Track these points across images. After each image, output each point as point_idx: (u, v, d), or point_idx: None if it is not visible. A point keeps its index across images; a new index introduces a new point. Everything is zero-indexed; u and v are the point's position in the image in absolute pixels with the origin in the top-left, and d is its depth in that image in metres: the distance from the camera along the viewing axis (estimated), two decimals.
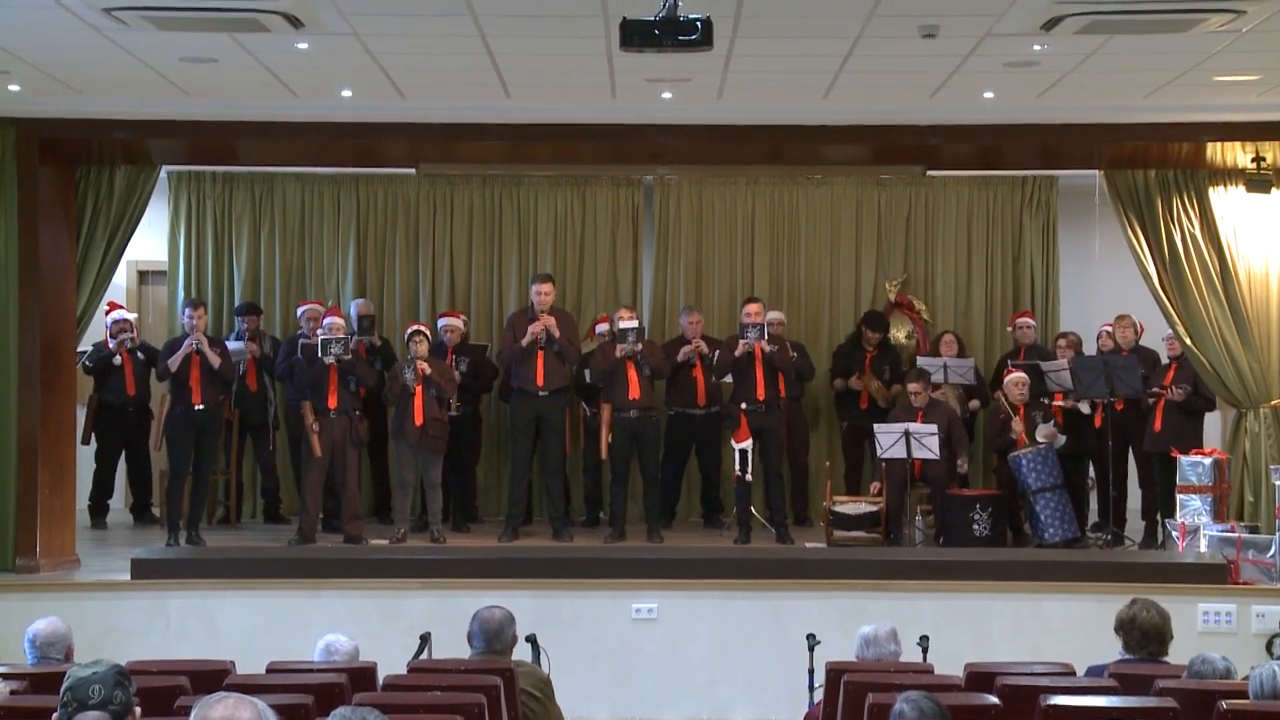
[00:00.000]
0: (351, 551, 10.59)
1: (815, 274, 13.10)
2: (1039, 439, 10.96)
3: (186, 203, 12.99)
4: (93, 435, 12.16)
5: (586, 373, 11.56)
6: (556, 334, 11.16)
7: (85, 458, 11.67)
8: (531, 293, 11.41)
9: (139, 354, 12.08)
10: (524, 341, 11.16)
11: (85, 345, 11.69)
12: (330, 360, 10.88)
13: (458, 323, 12.06)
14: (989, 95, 9.67)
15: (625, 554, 10.39)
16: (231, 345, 11.97)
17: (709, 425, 12.00)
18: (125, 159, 10.69)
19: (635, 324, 11.15)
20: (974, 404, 12.14)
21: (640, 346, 11.13)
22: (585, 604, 9.59)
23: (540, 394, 11.23)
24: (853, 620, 7.98)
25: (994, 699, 5.45)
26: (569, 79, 9.34)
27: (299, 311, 12.16)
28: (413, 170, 12.32)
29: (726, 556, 10.34)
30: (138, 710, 4.08)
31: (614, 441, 11.13)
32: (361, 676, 5.99)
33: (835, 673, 6.04)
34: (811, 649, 7.55)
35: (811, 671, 7.49)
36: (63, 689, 4.05)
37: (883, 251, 13.12)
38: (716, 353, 11.68)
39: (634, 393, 11.12)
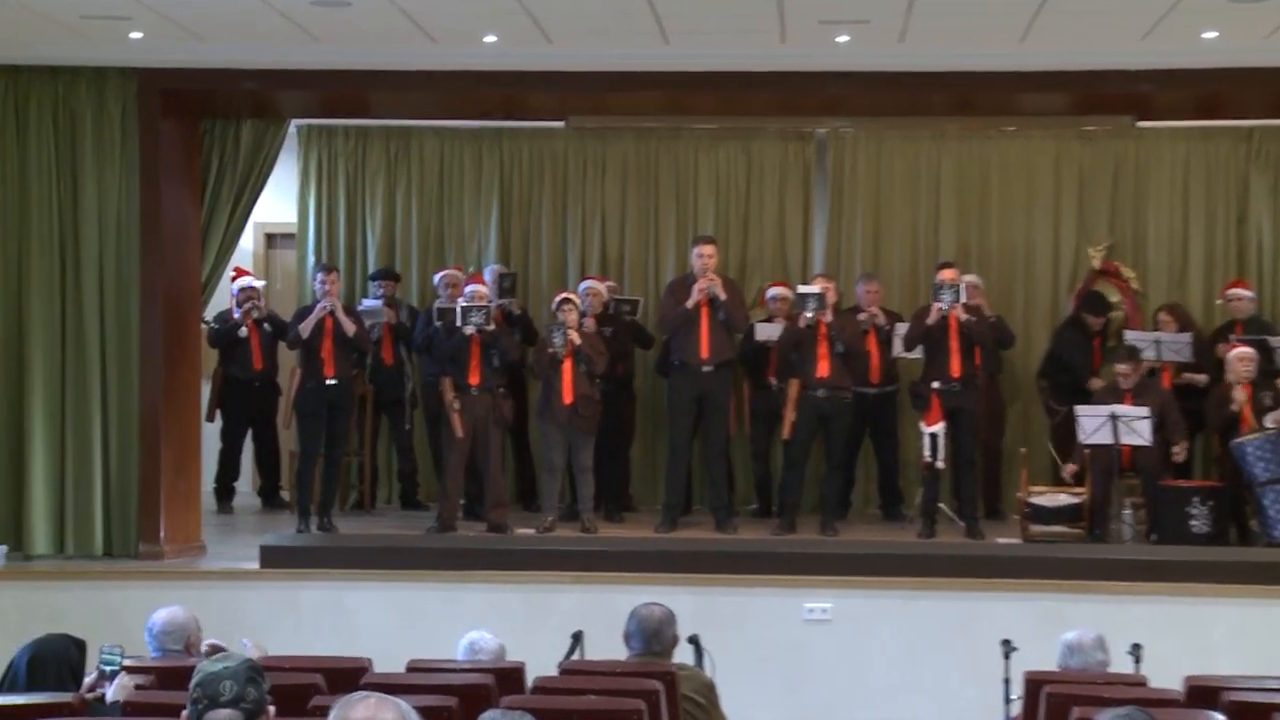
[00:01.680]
0: (495, 541, 10.66)
1: (1008, 238, 12.87)
2: (1267, 424, 10.62)
3: (317, 160, 13.16)
4: (218, 412, 12.39)
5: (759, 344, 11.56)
6: (723, 295, 11.09)
7: (210, 437, 11.89)
8: (692, 256, 11.37)
9: (266, 325, 12.29)
10: (689, 302, 11.06)
11: (209, 315, 11.86)
12: (471, 331, 10.92)
13: (600, 287, 12.04)
14: (1210, 35, 9.41)
15: (796, 548, 10.33)
16: (367, 304, 12.15)
17: (884, 405, 11.92)
18: (252, 112, 10.85)
19: (818, 290, 11.02)
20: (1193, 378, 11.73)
21: (828, 315, 10.98)
22: (752, 602, 9.55)
23: (704, 369, 11.18)
24: (1053, 625, 7.83)
25: (1220, 716, 5.31)
26: (733, 22, 9.27)
27: (436, 278, 12.27)
28: (561, 123, 12.33)
29: (909, 552, 10.23)
30: (271, 710, 4.08)
31: (798, 422, 11.00)
32: (508, 677, 6.02)
33: (1035, 683, 5.96)
34: (1007, 656, 7.44)
35: (1007, 682, 7.38)
36: (192, 684, 4.07)
37: (1085, 213, 12.84)
38: (894, 325, 11.58)
39: (824, 369, 10.97)
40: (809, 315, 10.92)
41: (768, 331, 11.68)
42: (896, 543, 10.75)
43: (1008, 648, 7.48)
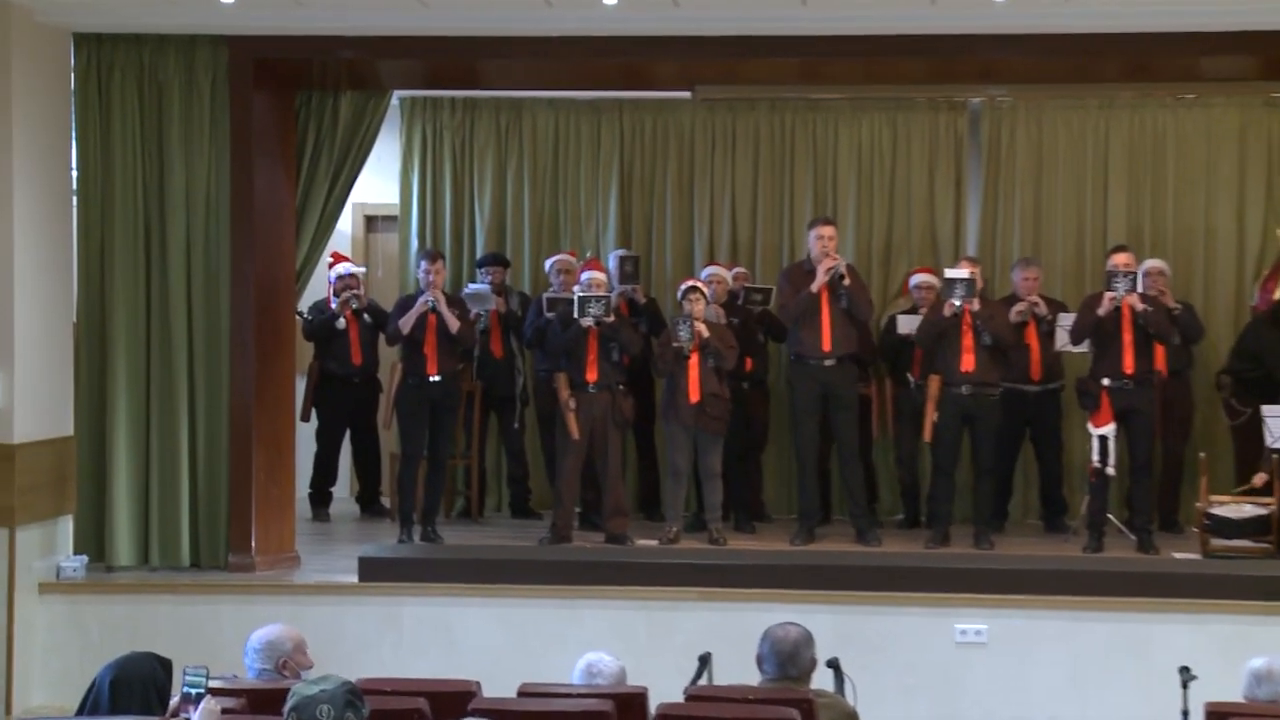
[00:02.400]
0: (615, 554, 10.68)
1: (1186, 219, 12.68)
2: None
3: (421, 135, 13.26)
4: (313, 411, 12.54)
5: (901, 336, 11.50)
6: (847, 279, 11.04)
7: (304, 438, 11.99)
8: (810, 239, 11.31)
9: (366, 316, 12.42)
10: (814, 285, 11.02)
11: (304, 304, 12.01)
12: (589, 323, 10.94)
13: (725, 274, 12.02)
14: None
15: (948, 563, 10.26)
16: (473, 288, 12.19)
17: (1046, 405, 11.82)
18: (352, 83, 10.94)
19: (967, 274, 10.95)
20: None
21: (975, 304, 10.91)
22: (898, 623, 9.50)
23: (825, 362, 11.13)
24: (1237, 651, 7.69)
25: None
26: None
27: (549, 264, 12.32)
28: (687, 94, 12.33)
29: (1074, 568, 10.10)
30: None
31: (940, 423, 10.96)
32: (630, 704, 6.03)
33: (1217, 716, 5.86)
34: (1185, 685, 7.31)
35: (1185, 714, 7.25)
36: (287, 708, 4.13)
37: (1275, 189, 12.63)
38: (1057, 315, 11.45)
39: (968, 364, 10.92)
40: (956, 303, 10.84)
41: (912, 323, 11.60)
42: (1059, 557, 10.62)
43: (1186, 676, 7.35)
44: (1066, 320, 11.37)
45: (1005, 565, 10.17)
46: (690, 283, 11.40)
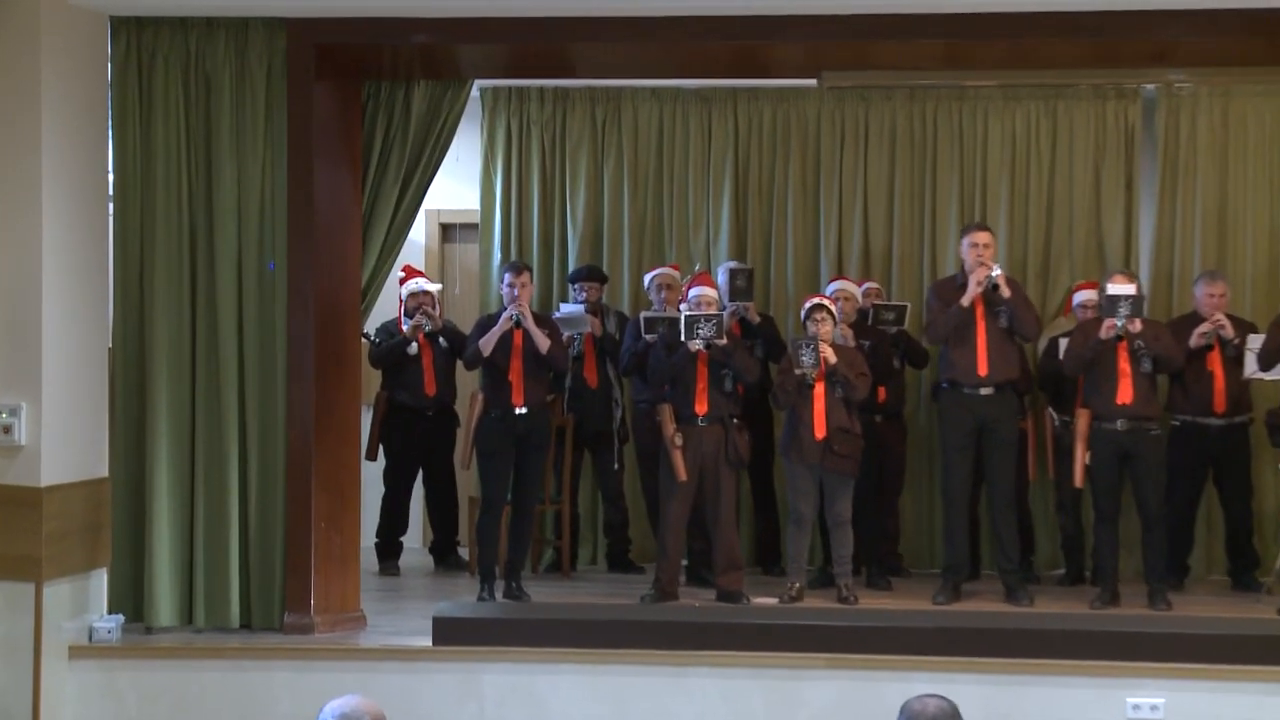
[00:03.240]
0: (728, 614, 10.65)
1: None
2: None
3: (505, 131, 13.31)
4: (380, 449, 12.60)
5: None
6: (1006, 291, 10.99)
7: (371, 479, 12.05)
8: (962, 248, 11.33)
9: (441, 339, 12.50)
10: (964, 299, 11.02)
11: (370, 326, 12.08)
12: (698, 345, 10.94)
13: (854, 289, 12.03)
14: None
15: (1118, 626, 10.13)
16: (567, 310, 12.23)
17: (1233, 442, 11.70)
18: (426, 71, 10.95)
19: (1131, 290, 10.88)
20: None
21: (1138, 325, 10.83)
22: (1059, 695, 9.40)
23: (981, 390, 11.11)
24: None
25: None
26: None
27: (649, 279, 12.36)
28: (812, 81, 12.27)
29: (1267, 632, 9.96)
30: None
31: (1094, 464, 10.91)
32: None
33: None
34: None
35: None
36: None
37: None
38: (1245, 337, 11.32)
39: (1125, 394, 10.86)
40: (1119, 323, 10.77)
41: None
42: (1249, 620, 10.49)
43: None
44: (1256, 343, 11.25)
45: (1185, 629, 10.01)
46: (815, 300, 11.39)
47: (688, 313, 11.06)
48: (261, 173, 10.37)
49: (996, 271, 10.98)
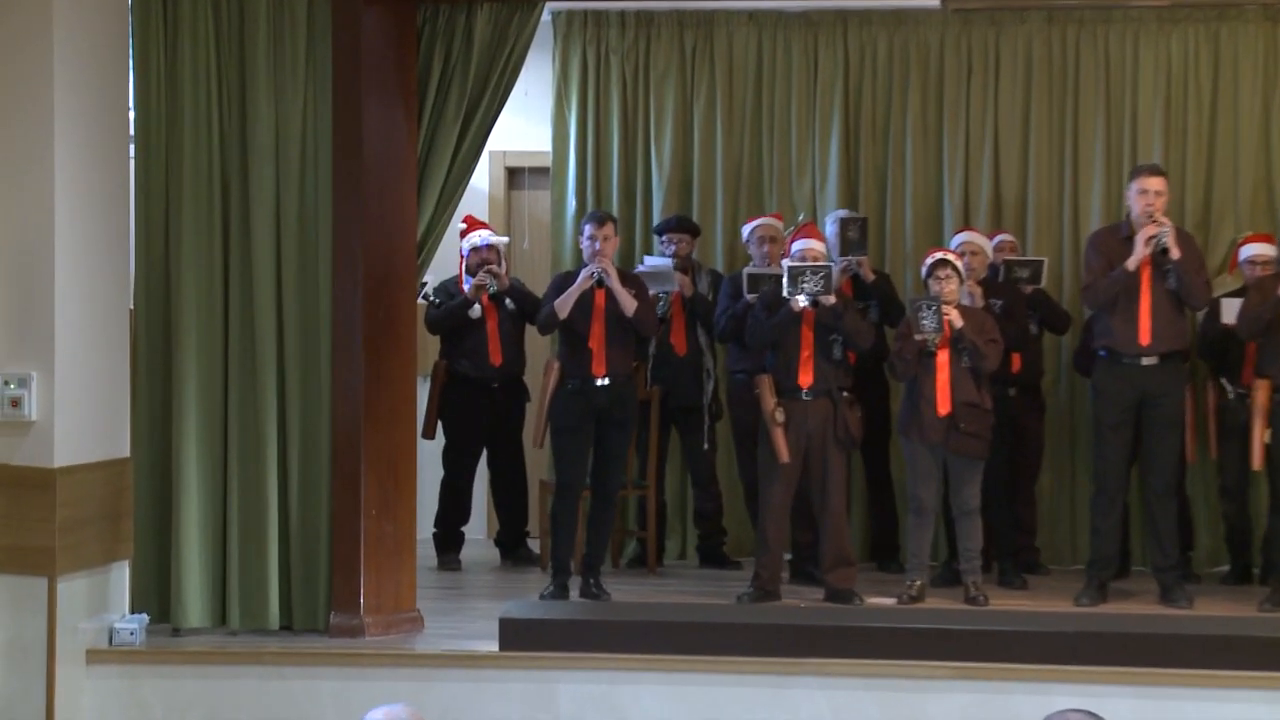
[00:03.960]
0: (838, 615, 10.62)
1: None
2: None
3: (581, 60, 13.28)
4: (439, 425, 12.60)
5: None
6: (1176, 252, 10.86)
7: (428, 460, 12.09)
8: (1129, 194, 11.21)
9: (508, 300, 12.48)
10: (1130, 261, 10.91)
11: (428, 285, 12.13)
12: (804, 303, 10.89)
13: (983, 243, 11.96)
14: None
15: None
16: (652, 263, 12.22)
17: None
18: None
19: None
20: None
21: None
22: (1222, 710, 9.26)
23: (1143, 360, 11.01)
24: None
25: None
26: None
27: (748, 230, 12.33)
28: (936, 2, 12.25)
29: None
30: None
31: (1274, 444, 10.81)
32: None
33: None
34: None
35: None
36: None
37: None
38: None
39: None
40: None
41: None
42: None
43: None
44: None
45: None
46: (938, 254, 11.32)
47: (790, 266, 11.02)
48: (303, 110, 10.32)
49: (1166, 230, 10.86)
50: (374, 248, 10.43)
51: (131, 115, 10.30)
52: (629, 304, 11.13)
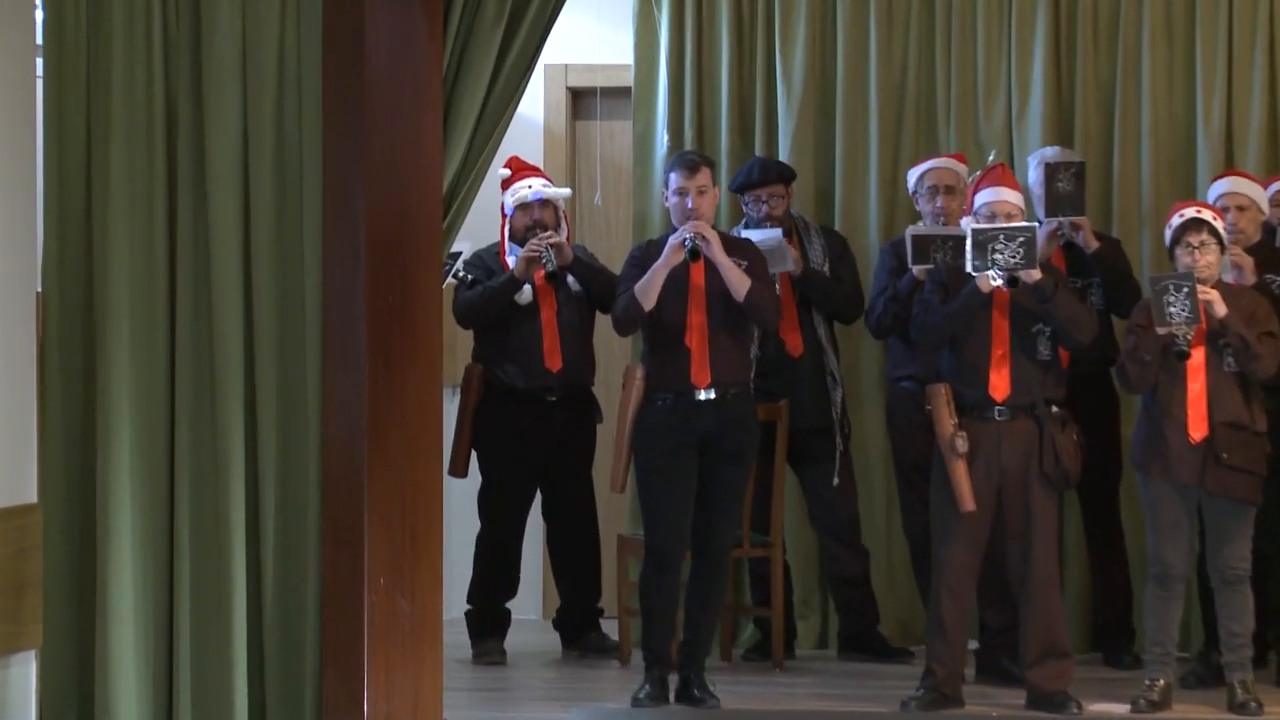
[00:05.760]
0: None
1: None
2: None
3: None
4: (473, 458, 12.51)
5: None
6: None
7: (460, 507, 12.17)
8: None
9: (571, 279, 12.41)
10: None
11: (459, 258, 12.16)
12: (997, 282, 10.77)
13: (1254, 193, 11.91)
14: None
15: None
16: (761, 236, 11.99)
17: None
18: None
19: None
20: None
21: None
22: None
23: None
24: None
25: None
26: None
27: (914, 176, 12.39)
28: None
29: None
30: None
31: None
32: None
33: None
34: None
35: None
36: None
37: None
38: None
39: None
40: None
41: None
42: None
43: None
44: None
45: None
46: (1190, 211, 11.12)
47: (974, 228, 10.88)
48: (280, 20, 10.13)
49: None
50: (381, 204, 10.19)
51: (39, 15, 10.12)
52: (739, 283, 10.98)
